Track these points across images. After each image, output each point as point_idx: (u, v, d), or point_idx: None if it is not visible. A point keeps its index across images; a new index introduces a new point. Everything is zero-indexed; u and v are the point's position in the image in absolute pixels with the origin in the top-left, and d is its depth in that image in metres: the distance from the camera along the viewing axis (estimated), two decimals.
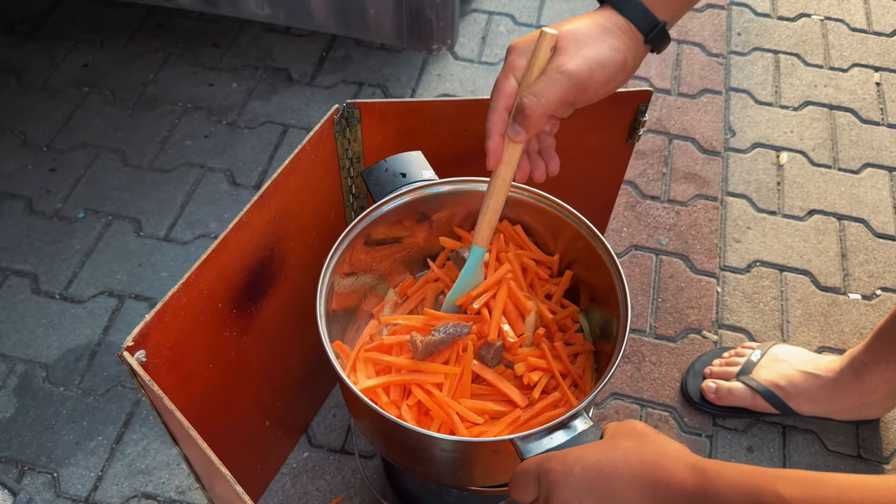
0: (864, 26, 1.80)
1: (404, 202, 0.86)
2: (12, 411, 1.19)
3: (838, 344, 1.27)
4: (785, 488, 0.47)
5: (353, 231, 0.82)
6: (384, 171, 0.89)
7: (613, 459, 0.54)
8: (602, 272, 0.81)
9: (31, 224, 1.41)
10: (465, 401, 0.75)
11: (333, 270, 0.80)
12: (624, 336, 0.72)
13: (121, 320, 1.29)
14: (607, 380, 0.68)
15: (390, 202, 0.85)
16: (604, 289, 0.81)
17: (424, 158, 0.91)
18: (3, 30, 1.75)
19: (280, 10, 1.41)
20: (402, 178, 0.88)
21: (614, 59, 0.65)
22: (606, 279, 0.79)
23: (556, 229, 0.87)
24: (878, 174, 1.51)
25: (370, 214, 0.84)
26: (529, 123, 0.66)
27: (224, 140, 1.54)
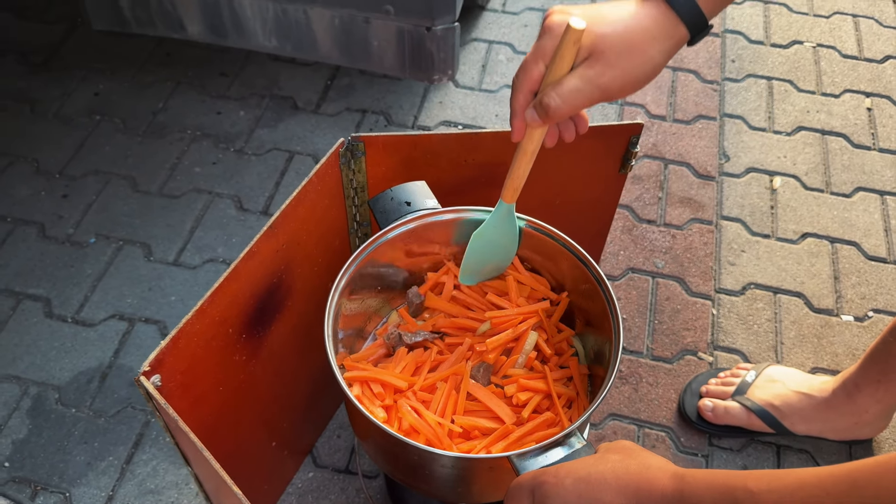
0: (856, 53, 1.84)
1: (409, 229, 0.90)
2: (25, 432, 1.22)
3: (831, 365, 1.30)
4: (753, 483, 0.52)
5: (360, 256, 0.86)
6: (390, 199, 0.93)
7: (602, 471, 0.58)
8: (596, 298, 0.84)
9: (44, 249, 1.45)
10: (459, 417, 0.79)
11: (341, 293, 0.83)
12: (616, 359, 0.75)
13: (131, 343, 1.32)
14: (600, 400, 0.71)
15: (396, 229, 0.89)
16: (598, 314, 0.85)
17: (428, 188, 0.95)
18: (17, 60, 1.80)
19: (287, 41, 1.46)
20: (406, 207, 0.92)
21: (650, 73, 0.64)
22: (600, 305, 0.83)
23: (552, 256, 0.90)
24: (869, 198, 1.55)
25: (377, 241, 0.87)
26: (549, 119, 0.66)
27: (232, 167, 1.58)
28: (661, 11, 0.62)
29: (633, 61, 0.62)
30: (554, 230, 0.88)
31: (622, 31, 0.62)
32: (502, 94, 1.74)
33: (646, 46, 0.62)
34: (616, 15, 0.63)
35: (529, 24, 1.90)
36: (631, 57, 0.62)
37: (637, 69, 0.63)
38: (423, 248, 0.94)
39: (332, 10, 1.38)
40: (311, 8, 1.39)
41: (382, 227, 0.90)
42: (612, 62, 0.62)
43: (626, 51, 0.62)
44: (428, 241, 0.93)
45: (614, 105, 1.71)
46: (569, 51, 0.62)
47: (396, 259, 0.93)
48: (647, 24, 0.62)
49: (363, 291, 0.91)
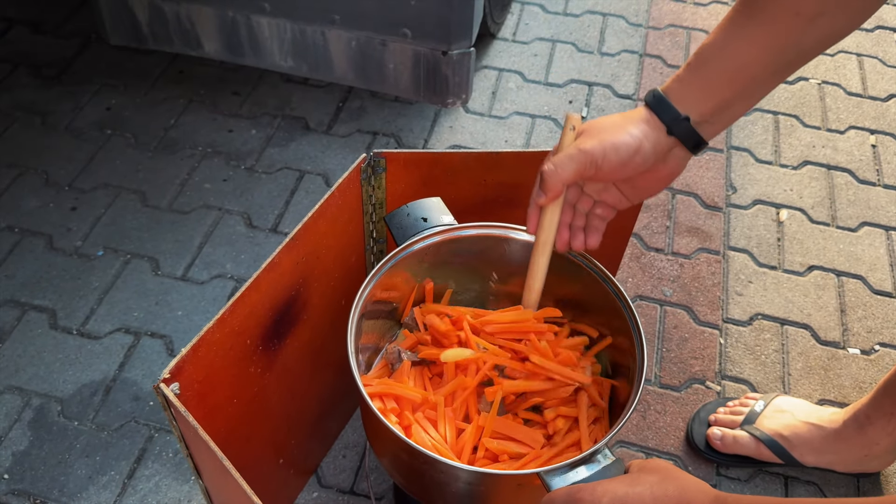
0: (860, 91, 1.87)
1: (426, 245, 0.90)
2: (27, 444, 1.20)
3: (838, 397, 1.30)
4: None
5: (380, 271, 0.86)
6: (406, 215, 0.93)
7: (640, 493, 0.57)
8: (617, 316, 0.84)
9: (52, 261, 1.44)
10: (487, 440, 0.78)
11: (361, 308, 0.83)
12: (640, 382, 0.75)
13: (136, 357, 1.31)
14: (628, 416, 0.71)
15: (414, 245, 0.89)
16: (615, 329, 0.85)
17: (444, 204, 0.95)
18: (30, 73, 1.81)
19: (303, 62, 1.47)
20: (423, 223, 0.92)
21: (627, 143, 0.71)
22: (621, 322, 0.83)
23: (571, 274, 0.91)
24: (874, 233, 1.56)
25: (396, 256, 0.88)
26: (547, 187, 0.75)
27: (242, 184, 1.59)
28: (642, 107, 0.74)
29: (611, 133, 0.72)
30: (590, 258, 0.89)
31: (608, 119, 0.75)
32: (511, 120, 1.75)
33: (624, 125, 0.73)
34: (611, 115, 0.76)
35: (539, 54, 1.92)
36: (610, 130, 0.73)
37: (615, 139, 0.72)
38: (440, 264, 0.94)
39: (350, 33, 1.40)
40: (329, 30, 1.40)
41: (399, 242, 0.90)
42: (593, 134, 0.74)
43: (606, 128, 0.73)
44: (446, 257, 0.93)
45: None
46: (567, 135, 0.76)
47: (413, 275, 0.93)
48: (629, 113, 0.74)
49: (379, 308, 0.91)
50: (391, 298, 0.94)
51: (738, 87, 0.68)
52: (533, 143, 1.70)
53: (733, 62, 0.67)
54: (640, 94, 1.83)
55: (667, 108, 0.71)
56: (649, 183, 0.76)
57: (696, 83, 0.70)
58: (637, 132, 0.71)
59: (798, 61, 0.67)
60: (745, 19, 0.65)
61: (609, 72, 1.89)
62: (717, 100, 0.69)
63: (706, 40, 0.69)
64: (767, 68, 0.66)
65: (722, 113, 0.71)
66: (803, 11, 0.62)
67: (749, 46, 0.65)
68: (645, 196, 0.79)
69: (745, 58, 0.66)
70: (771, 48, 0.65)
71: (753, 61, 0.66)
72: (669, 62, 1.91)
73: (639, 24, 2.02)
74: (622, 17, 2.04)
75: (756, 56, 0.66)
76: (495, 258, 0.94)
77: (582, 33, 1.99)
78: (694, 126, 0.71)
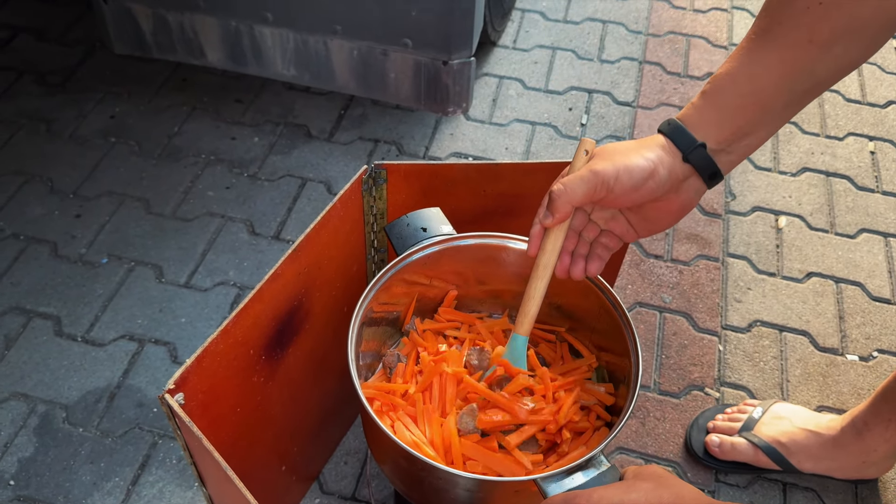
0: (859, 98, 1.88)
1: (425, 255, 0.91)
2: (32, 451, 1.21)
3: (836, 404, 1.31)
4: None
5: (380, 281, 0.88)
6: (406, 225, 0.94)
7: (635, 499, 0.59)
8: (612, 325, 0.86)
9: (56, 268, 1.46)
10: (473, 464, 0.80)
11: (363, 316, 0.85)
12: (635, 392, 0.76)
13: (140, 364, 1.32)
14: (622, 424, 0.72)
15: (413, 255, 0.90)
16: (610, 335, 0.86)
17: (443, 214, 0.96)
18: (34, 81, 1.83)
19: (305, 71, 1.48)
20: (422, 233, 0.93)
21: (641, 167, 0.70)
22: (616, 331, 0.84)
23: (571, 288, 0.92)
24: (873, 239, 1.57)
25: (395, 266, 0.89)
26: (555, 208, 0.73)
27: (245, 191, 1.60)
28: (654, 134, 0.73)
29: (624, 156, 0.71)
30: None
31: (623, 143, 0.73)
32: (512, 127, 1.76)
33: (638, 149, 0.71)
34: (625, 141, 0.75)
35: (539, 61, 1.94)
36: (623, 154, 0.71)
37: (628, 162, 0.70)
38: (439, 273, 0.95)
39: (352, 42, 1.41)
40: (332, 39, 1.42)
41: (399, 252, 0.91)
42: (605, 157, 0.72)
43: (620, 151, 0.72)
44: (443, 266, 0.94)
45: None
46: (580, 158, 0.74)
47: (412, 284, 0.94)
48: (644, 140, 0.73)
49: (380, 316, 0.92)
50: (392, 307, 0.95)
51: (752, 115, 0.68)
52: (533, 151, 1.71)
53: (748, 88, 0.67)
54: (640, 102, 1.84)
55: (683, 134, 0.70)
56: (660, 214, 0.74)
57: (711, 110, 0.69)
58: (652, 156, 0.70)
59: (814, 90, 0.67)
60: (760, 47, 0.66)
61: (609, 79, 1.90)
62: (732, 127, 0.69)
63: (721, 68, 0.69)
64: (782, 96, 0.67)
65: (738, 142, 0.70)
66: (816, 39, 0.63)
67: (763, 73, 0.66)
68: (654, 229, 0.77)
69: (760, 84, 0.66)
70: (785, 76, 0.65)
71: (768, 88, 0.66)
72: (669, 69, 1.93)
73: (638, 32, 2.04)
74: (622, 24, 2.05)
75: (770, 83, 0.66)
76: (493, 267, 0.95)
77: (582, 40, 2.00)
78: (710, 154, 0.70)
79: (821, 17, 0.62)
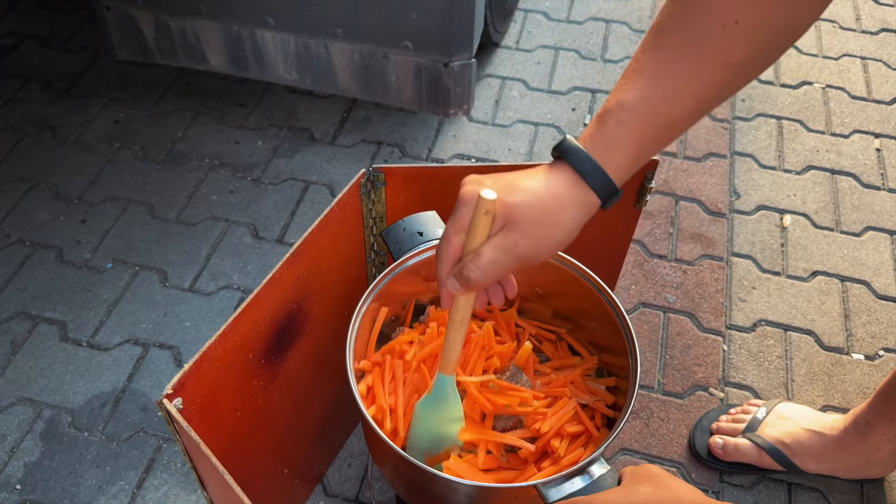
0: (864, 94, 1.87)
1: (422, 259, 0.91)
2: (38, 455, 1.22)
3: (842, 403, 1.30)
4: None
5: (378, 286, 0.88)
6: (402, 230, 0.94)
7: (636, 503, 0.58)
8: (609, 324, 0.85)
9: (62, 273, 1.47)
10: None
11: (362, 321, 0.85)
12: (634, 390, 0.76)
13: (145, 368, 1.33)
14: (621, 427, 0.72)
15: (410, 259, 0.90)
16: (610, 339, 0.86)
17: (439, 217, 0.96)
18: (40, 87, 1.84)
19: (307, 75, 1.49)
20: (419, 237, 0.93)
21: (565, 241, 0.65)
22: (615, 332, 0.84)
23: (567, 286, 0.92)
24: (879, 237, 1.56)
25: (393, 271, 0.89)
26: (470, 290, 0.68)
27: (248, 195, 1.61)
28: (571, 180, 0.64)
29: (545, 229, 0.63)
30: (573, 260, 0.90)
31: (534, 200, 0.63)
32: (515, 128, 1.76)
33: (559, 214, 0.63)
34: (528, 184, 0.64)
35: (542, 62, 1.93)
36: (544, 225, 0.63)
37: (550, 237, 0.64)
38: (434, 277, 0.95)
39: (353, 46, 1.42)
40: (332, 43, 1.42)
41: (396, 257, 0.91)
42: (526, 231, 0.63)
43: (538, 219, 0.63)
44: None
45: None
46: (482, 222, 0.63)
47: (411, 288, 0.94)
48: (559, 191, 0.63)
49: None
50: (390, 312, 0.95)
51: (663, 142, 0.64)
52: (536, 152, 1.71)
53: (665, 119, 0.62)
54: None
55: (608, 187, 0.64)
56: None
57: (634, 146, 0.63)
58: (576, 222, 0.64)
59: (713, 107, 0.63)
60: (675, 71, 0.60)
61: (612, 79, 1.89)
62: (643, 156, 0.65)
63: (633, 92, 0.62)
64: (694, 119, 0.63)
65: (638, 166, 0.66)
66: (731, 61, 0.59)
67: (681, 102, 0.61)
68: None
69: (678, 113, 0.62)
70: (701, 101, 0.61)
71: (684, 117, 0.62)
72: None
73: (642, 31, 2.03)
74: (625, 23, 2.05)
75: (687, 109, 0.62)
76: None
77: (585, 40, 2.00)
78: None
79: (737, 38, 0.58)
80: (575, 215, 0.64)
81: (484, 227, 0.64)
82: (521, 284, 0.96)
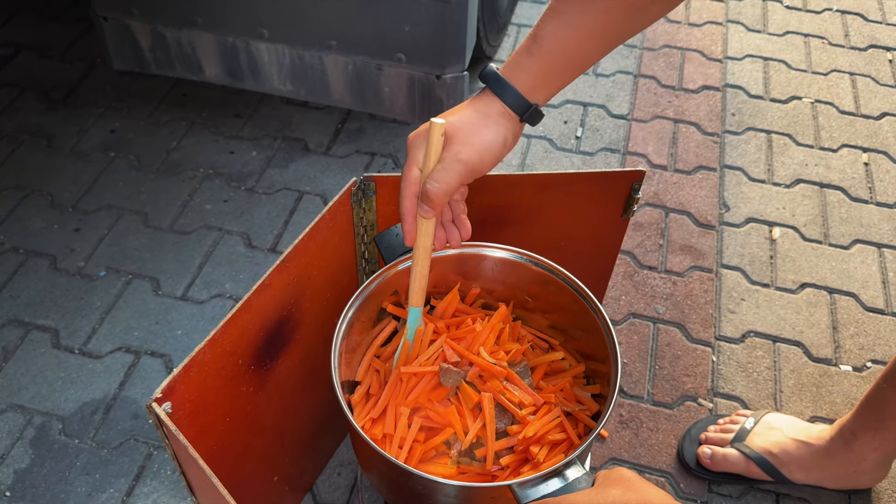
0: (853, 109, 1.89)
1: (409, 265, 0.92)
2: (28, 462, 1.22)
3: (830, 414, 1.31)
4: None
5: (366, 290, 0.89)
6: (395, 236, 0.95)
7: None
8: (594, 332, 0.87)
9: (55, 281, 1.47)
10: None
11: (347, 327, 0.86)
12: (614, 392, 0.78)
13: (136, 376, 1.33)
14: (597, 432, 0.73)
15: (399, 264, 0.92)
16: (592, 344, 0.87)
17: None
18: (37, 97, 1.86)
19: (301, 86, 1.50)
20: None
21: (497, 142, 0.77)
22: (598, 338, 0.85)
23: (552, 293, 0.93)
24: (867, 250, 1.57)
25: (382, 275, 0.90)
26: (434, 204, 0.77)
27: (242, 205, 1.62)
28: (490, 98, 0.77)
29: (479, 136, 0.76)
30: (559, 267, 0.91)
31: (466, 117, 0.77)
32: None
33: (486, 122, 0.76)
34: (460, 108, 0.79)
35: None
36: (477, 133, 0.76)
37: (486, 141, 0.76)
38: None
39: (347, 57, 1.43)
40: (327, 55, 1.44)
41: (388, 262, 0.93)
42: (463, 139, 0.76)
43: (471, 129, 0.76)
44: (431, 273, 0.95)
45: (617, 154, 1.75)
46: (437, 142, 0.75)
47: (402, 292, 0.95)
48: (482, 107, 0.77)
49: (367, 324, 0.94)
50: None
51: (574, 72, 0.76)
52: (528, 164, 1.73)
53: (572, 51, 0.73)
54: (635, 115, 1.85)
55: (520, 101, 0.76)
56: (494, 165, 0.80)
57: (539, 73, 0.75)
58: (500, 128, 0.76)
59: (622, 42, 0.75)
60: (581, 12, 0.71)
61: (604, 92, 1.91)
62: (557, 85, 0.77)
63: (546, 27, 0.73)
64: (600, 54, 0.75)
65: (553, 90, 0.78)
66: (636, 3, 0.69)
67: (587, 37, 0.72)
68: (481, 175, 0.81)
69: (584, 48, 0.73)
70: (606, 38, 0.73)
71: (591, 51, 0.74)
72: (664, 82, 1.94)
73: (633, 45, 2.05)
74: None
75: (594, 47, 0.74)
76: (474, 274, 0.98)
77: None
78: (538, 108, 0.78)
79: None
80: (499, 124, 0.76)
81: (438, 147, 0.75)
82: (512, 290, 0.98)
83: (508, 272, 0.96)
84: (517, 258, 0.94)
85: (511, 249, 0.95)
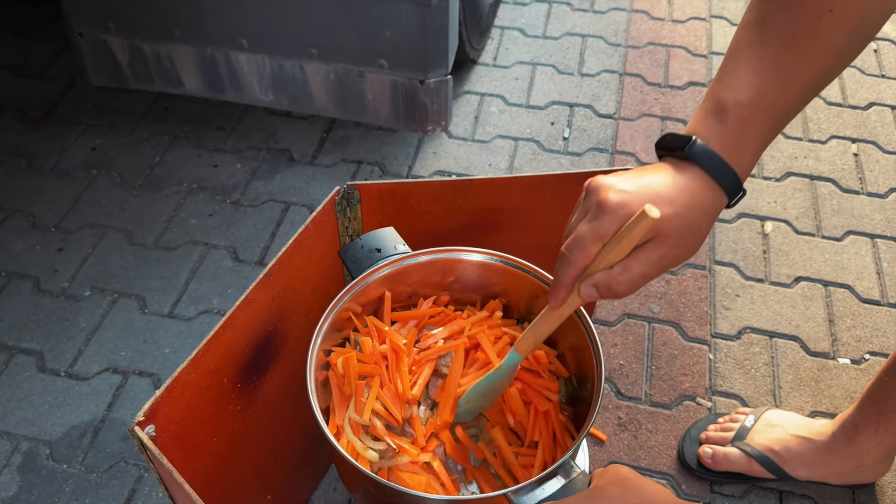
0: (840, 100, 1.88)
1: (380, 276, 0.90)
2: (15, 489, 1.19)
3: (830, 408, 1.30)
4: None
5: (336, 306, 0.86)
6: (360, 248, 0.93)
7: None
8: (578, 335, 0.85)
9: (39, 303, 1.45)
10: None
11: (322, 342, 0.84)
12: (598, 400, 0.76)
13: (125, 397, 1.31)
14: (588, 428, 0.71)
15: (368, 277, 0.89)
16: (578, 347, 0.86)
17: (397, 233, 0.95)
18: (15, 116, 1.83)
19: (283, 96, 1.48)
20: (377, 254, 0.92)
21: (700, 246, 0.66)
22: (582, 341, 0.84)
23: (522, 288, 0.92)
24: (860, 241, 1.56)
25: (353, 289, 0.88)
26: (608, 297, 0.66)
27: (228, 218, 1.59)
28: (707, 185, 0.64)
29: (691, 239, 0.64)
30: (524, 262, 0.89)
31: (683, 212, 0.63)
32: (494, 144, 1.76)
33: (701, 223, 0.64)
34: (672, 193, 0.63)
35: (520, 77, 1.94)
36: (690, 235, 0.64)
37: (694, 247, 0.65)
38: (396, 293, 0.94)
39: (328, 65, 1.41)
40: (307, 63, 1.42)
41: (355, 275, 0.90)
42: (674, 243, 0.63)
43: (687, 231, 0.63)
44: (403, 283, 0.93)
45: (605, 154, 1.74)
46: (639, 234, 0.61)
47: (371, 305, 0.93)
48: (702, 200, 0.64)
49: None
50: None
51: (777, 133, 0.66)
52: (516, 166, 1.71)
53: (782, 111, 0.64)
54: (622, 113, 1.84)
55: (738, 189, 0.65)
56: None
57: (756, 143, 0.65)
58: (708, 231, 0.66)
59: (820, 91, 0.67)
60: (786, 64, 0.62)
61: (590, 92, 1.90)
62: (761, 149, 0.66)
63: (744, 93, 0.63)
64: (802, 107, 0.66)
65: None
66: (833, 48, 0.61)
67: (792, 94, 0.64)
68: None
69: (790, 105, 0.64)
70: (809, 91, 0.64)
71: (794, 107, 0.65)
72: (650, 80, 1.93)
73: (618, 44, 2.04)
74: (601, 37, 2.06)
75: (796, 100, 0.65)
76: (450, 280, 0.95)
77: (562, 55, 2.01)
78: None
79: (835, 25, 0.60)
80: (712, 221, 0.65)
81: (637, 239, 0.61)
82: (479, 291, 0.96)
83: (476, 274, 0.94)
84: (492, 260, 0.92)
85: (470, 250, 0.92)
